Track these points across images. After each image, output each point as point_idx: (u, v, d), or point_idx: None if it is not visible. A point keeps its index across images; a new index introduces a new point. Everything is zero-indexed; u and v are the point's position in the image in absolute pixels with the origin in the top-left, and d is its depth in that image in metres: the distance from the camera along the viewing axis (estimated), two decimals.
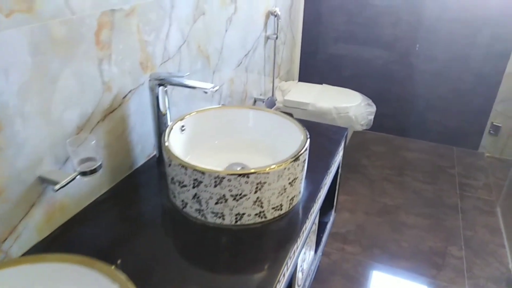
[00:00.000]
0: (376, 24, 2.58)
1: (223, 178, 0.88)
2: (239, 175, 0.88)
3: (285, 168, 0.93)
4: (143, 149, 1.19)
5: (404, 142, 2.78)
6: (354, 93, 2.34)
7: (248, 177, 0.89)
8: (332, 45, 2.76)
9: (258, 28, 1.90)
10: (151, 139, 1.22)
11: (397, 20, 2.53)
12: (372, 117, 2.23)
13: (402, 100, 2.74)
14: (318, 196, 1.14)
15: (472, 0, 2.32)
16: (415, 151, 2.67)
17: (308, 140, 1.04)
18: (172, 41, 1.23)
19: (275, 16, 1.99)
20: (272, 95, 2.24)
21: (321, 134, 1.45)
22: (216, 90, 1.02)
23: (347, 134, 1.48)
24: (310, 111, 2.21)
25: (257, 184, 0.90)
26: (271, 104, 2.02)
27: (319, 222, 1.51)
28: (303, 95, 2.31)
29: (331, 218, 1.59)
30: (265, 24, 1.97)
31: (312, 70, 2.85)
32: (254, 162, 1.13)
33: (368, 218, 2.03)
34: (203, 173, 0.89)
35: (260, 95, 2.10)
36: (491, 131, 2.59)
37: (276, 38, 2.05)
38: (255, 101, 2.03)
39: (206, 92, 1.02)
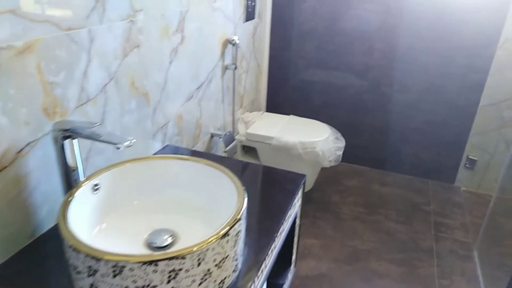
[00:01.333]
0: (348, 52, 2.45)
1: (123, 267, 0.68)
2: (144, 263, 0.68)
3: (208, 249, 0.74)
4: (51, 211, 0.98)
5: (378, 175, 2.62)
6: (323, 126, 2.18)
7: (156, 264, 0.69)
8: (302, 73, 2.61)
9: (213, 58, 1.73)
10: (62, 199, 1.01)
11: (369, 48, 2.40)
12: (340, 152, 2.06)
13: (376, 131, 2.60)
14: (263, 267, 0.94)
15: (445, 30, 2.22)
16: (390, 185, 2.52)
17: (246, 204, 0.85)
18: (93, 79, 1.04)
19: (234, 45, 1.83)
20: (233, 128, 2.06)
21: (274, 183, 1.26)
22: (131, 145, 0.83)
23: (305, 182, 1.30)
24: (274, 146, 2.03)
25: (170, 272, 0.71)
26: (229, 139, 1.84)
27: (273, 285, 1.31)
28: (268, 127, 2.14)
29: (290, 277, 1.40)
30: (222, 53, 1.80)
31: (280, 99, 2.70)
32: (184, 226, 0.93)
33: (337, 266, 1.84)
34: (98, 259, 0.69)
35: (218, 129, 1.91)
36: (467, 165, 2.47)
37: (235, 68, 1.88)
38: (212, 137, 1.84)
39: (118, 148, 0.83)
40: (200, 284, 0.76)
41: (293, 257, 1.40)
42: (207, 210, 0.97)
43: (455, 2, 2.14)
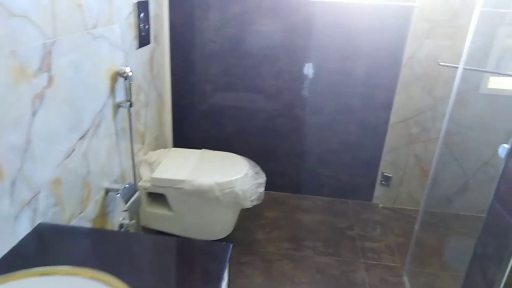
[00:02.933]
0: (257, 75, 2.26)
1: None
2: None
3: None
4: None
5: (299, 200, 2.47)
6: (240, 160, 1.94)
7: None
8: (210, 99, 2.35)
9: (99, 97, 1.36)
10: None
11: (278, 70, 2.24)
12: (262, 189, 1.84)
13: (293, 156, 2.44)
14: None
15: (352, 50, 2.15)
16: (312, 211, 2.37)
17: None
18: None
19: (126, 77, 1.48)
20: (134, 175, 1.70)
21: (192, 267, 0.96)
22: None
23: (231, 253, 1.03)
24: (187, 190, 1.72)
25: None
26: (129, 192, 1.48)
27: None
28: (177, 168, 1.82)
29: None
30: (112, 89, 1.45)
31: (188, 131, 2.39)
32: None
33: None
34: None
35: (115, 181, 1.54)
36: (382, 182, 2.44)
37: (131, 105, 1.53)
38: (107, 193, 1.46)
39: None
40: None
41: None
42: None
43: (359, 22, 2.09)
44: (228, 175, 1.76)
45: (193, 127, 2.40)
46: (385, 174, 2.41)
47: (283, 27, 2.15)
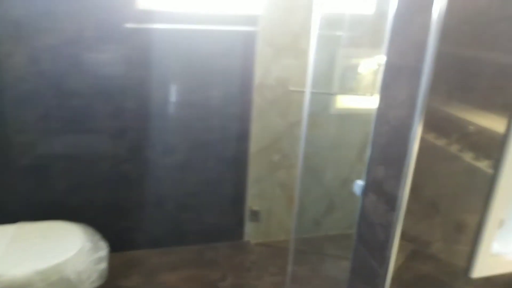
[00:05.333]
0: (90, 116, 1.92)
1: None
2: None
3: None
4: None
5: (161, 256, 2.18)
6: (72, 231, 1.57)
7: None
8: (29, 152, 1.91)
9: None
10: None
11: (117, 108, 1.95)
12: (105, 264, 1.52)
13: (147, 205, 2.16)
14: None
15: (199, 80, 2.00)
16: (178, 267, 2.12)
17: None
18: None
19: None
20: None
21: None
22: None
23: None
24: None
25: None
26: None
27: None
28: None
29: None
30: None
31: (1, 198, 1.90)
32: None
33: None
34: None
35: None
36: (251, 217, 2.34)
37: None
38: None
39: None
40: None
41: None
42: None
43: (205, 49, 1.95)
44: (54, 257, 1.39)
45: (6, 192, 1.92)
46: (253, 208, 2.32)
47: (115, 59, 1.88)
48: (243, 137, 2.16)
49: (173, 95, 2.00)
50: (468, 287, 1.08)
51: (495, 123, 0.92)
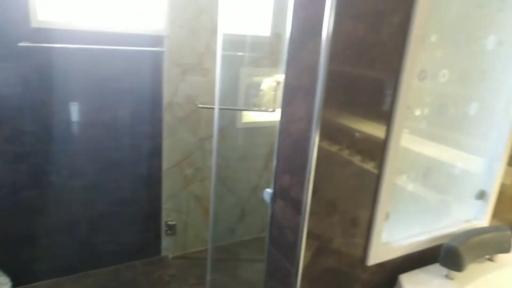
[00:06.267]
0: None
1: None
2: None
3: None
4: None
5: (75, 283, 1.99)
6: None
7: None
8: None
9: None
10: None
11: (14, 132, 1.73)
12: None
13: (55, 232, 1.95)
14: None
15: (107, 100, 1.89)
16: None
17: None
18: None
19: None
20: None
21: None
22: None
23: None
24: None
25: None
26: None
27: None
28: None
29: None
30: None
31: None
32: None
33: None
34: None
35: None
36: (168, 231, 2.26)
37: None
38: None
39: None
40: None
41: None
42: None
43: (112, 69, 1.85)
44: None
45: None
46: (168, 223, 2.24)
47: (10, 79, 1.67)
48: (155, 154, 2.09)
49: (79, 115, 1.86)
50: (365, 274, 1.17)
51: (377, 130, 1.02)
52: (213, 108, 1.80)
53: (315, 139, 0.92)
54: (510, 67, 1.25)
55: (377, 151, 1.05)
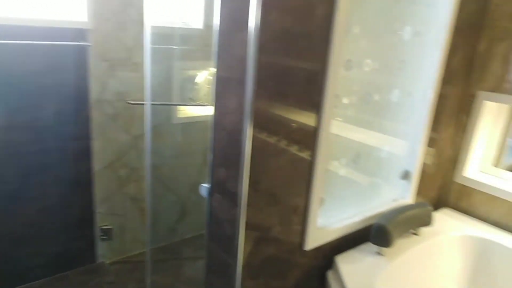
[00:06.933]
0: None
1: None
2: None
3: None
4: None
5: None
6: None
7: None
8: None
9: None
10: None
11: None
12: None
13: None
14: None
15: (24, 101, 1.74)
16: None
17: None
18: None
19: None
20: None
21: None
22: None
23: None
24: None
25: None
26: None
27: None
28: None
29: None
30: None
31: None
32: None
33: None
34: None
35: None
36: (103, 237, 2.15)
37: None
38: None
39: None
40: None
41: None
42: None
43: (28, 67, 1.70)
44: None
45: None
46: (103, 227, 2.14)
47: None
48: (84, 155, 1.97)
49: None
50: (304, 259, 1.22)
51: (308, 119, 1.06)
52: (144, 104, 1.74)
53: (249, 131, 0.93)
54: (425, 56, 1.37)
55: (309, 139, 1.09)
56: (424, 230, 1.43)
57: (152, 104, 1.71)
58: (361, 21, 1.15)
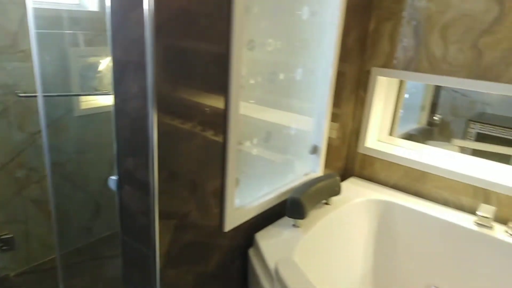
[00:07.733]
0: None
1: None
2: None
3: None
4: None
5: None
6: None
7: None
8: None
9: None
10: None
11: None
12: None
13: None
14: None
15: None
16: None
17: None
18: None
19: None
20: None
21: None
22: None
23: None
24: None
25: None
26: None
27: None
28: None
29: None
30: None
31: None
32: None
33: None
34: None
35: None
36: (3, 247, 1.93)
37: None
38: None
39: None
40: None
41: None
42: None
43: None
44: None
45: None
46: (2, 237, 1.92)
47: None
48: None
49: None
50: (224, 240, 1.24)
51: (216, 101, 1.06)
52: (36, 96, 1.58)
53: (154, 116, 0.90)
54: (324, 36, 1.45)
55: (219, 121, 1.09)
56: (334, 199, 1.55)
57: (45, 96, 1.56)
58: (260, 1, 1.17)
